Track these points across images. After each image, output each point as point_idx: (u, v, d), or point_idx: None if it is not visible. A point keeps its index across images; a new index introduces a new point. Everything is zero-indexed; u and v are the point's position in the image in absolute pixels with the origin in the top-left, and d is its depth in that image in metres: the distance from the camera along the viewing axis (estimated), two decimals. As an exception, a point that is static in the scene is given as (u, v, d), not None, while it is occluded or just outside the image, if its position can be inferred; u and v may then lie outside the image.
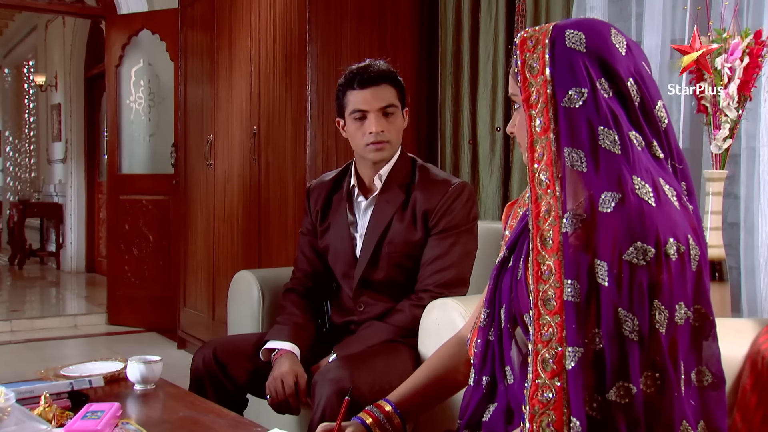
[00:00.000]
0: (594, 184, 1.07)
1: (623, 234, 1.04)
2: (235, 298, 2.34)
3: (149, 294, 5.02)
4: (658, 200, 1.07)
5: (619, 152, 1.06)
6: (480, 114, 2.96)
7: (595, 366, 1.05)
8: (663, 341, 1.04)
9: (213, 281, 3.88)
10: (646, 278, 1.03)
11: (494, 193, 2.86)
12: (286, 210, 3.19)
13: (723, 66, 1.82)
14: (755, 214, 2.06)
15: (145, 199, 5.04)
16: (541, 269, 1.12)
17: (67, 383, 1.54)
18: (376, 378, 1.65)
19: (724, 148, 1.86)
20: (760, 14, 2.01)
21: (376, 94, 1.88)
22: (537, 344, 1.11)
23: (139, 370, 1.67)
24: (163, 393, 1.68)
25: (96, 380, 1.60)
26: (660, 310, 1.03)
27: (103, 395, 1.61)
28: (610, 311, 1.03)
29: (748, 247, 2.08)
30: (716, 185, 1.88)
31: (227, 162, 3.70)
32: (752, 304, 2.07)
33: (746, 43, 1.82)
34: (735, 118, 1.84)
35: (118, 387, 1.70)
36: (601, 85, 1.09)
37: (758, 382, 1.34)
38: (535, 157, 1.13)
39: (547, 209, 1.12)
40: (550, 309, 1.10)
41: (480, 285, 2.36)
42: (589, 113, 1.07)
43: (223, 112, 3.75)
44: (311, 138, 3.01)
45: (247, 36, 3.49)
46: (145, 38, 5.08)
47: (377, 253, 1.93)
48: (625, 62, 1.11)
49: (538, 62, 1.13)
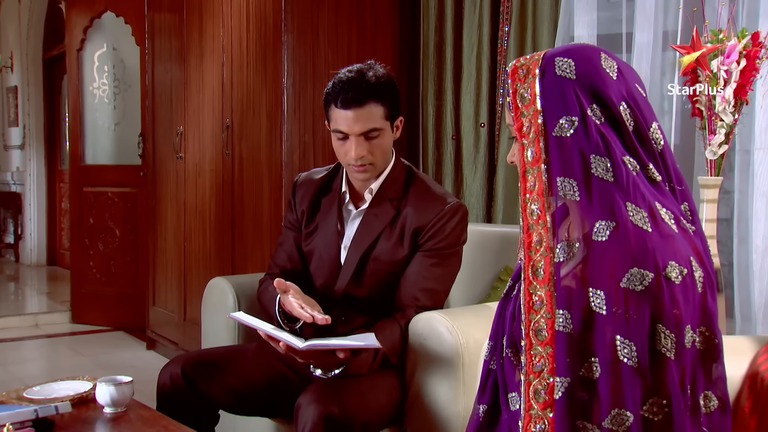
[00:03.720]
0: (587, 213, 1.10)
1: (619, 261, 1.06)
2: (209, 308, 2.30)
3: (116, 291, 4.96)
4: (655, 225, 1.08)
5: (611, 179, 1.09)
6: (464, 108, 2.94)
7: (589, 394, 1.07)
8: (673, 366, 1.05)
9: (184, 279, 3.83)
10: (647, 303, 1.04)
11: (478, 192, 2.85)
12: (262, 209, 3.15)
13: (719, 69, 1.82)
14: (749, 220, 2.07)
15: (110, 191, 4.96)
16: (533, 299, 1.15)
17: (32, 410, 1.50)
18: (363, 399, 1.64)
19: (719, 153, 1.87)
20: (756, 15, 2.01)
21: (359, 117, 1.80)
22: (529, 374, 1.14)
23: (109, 393, 1.63)
24: (134, 416, 1.65)
25: (63, 406, 1.56)
26: (665, 335, 1.05)
27: (71, 420, 1.57)
28: (607, 339, 1.05)
29: (742, 254, 2.10)
30: (711, 192, 1.89)
31: (198, 155, 3.64)
32: (746, 311, 2.09)
33: (743, 45, 1.82)
34: (731, 122, 1.84)
35: (86, 410, 1.67)
36: (592, 112, 1.11)
37: (757, 404, 1.35)
38: (527, 187, 1.16)
39: (538, 239, 1.15)
40: (542, 339, 1.13)
41: (458, 296, 2.35)
42: (581, 141, 1.10)
43: (193, 102, 3.69)
44: (287, 133, 2.96)
45: (218, 23, 3.43)
46: (108, 21, 4.99)
47: (361, 269, 1.91)
48: (616, 86, 1.13)
49: (529, 92, 1.16)
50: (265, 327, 1.67)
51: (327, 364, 1.71)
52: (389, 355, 1.80)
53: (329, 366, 1.71)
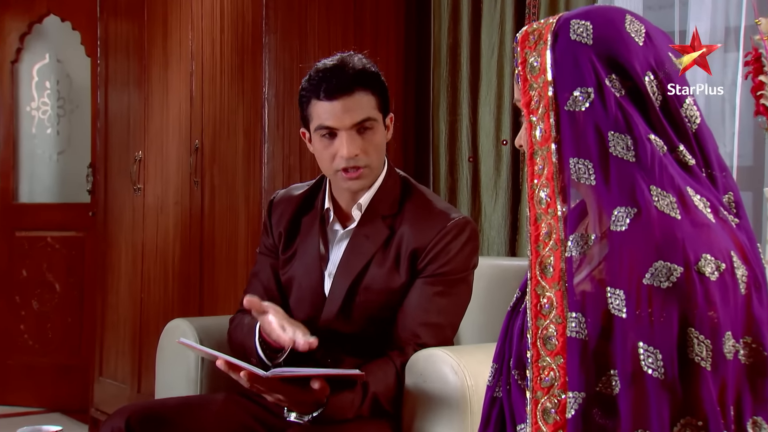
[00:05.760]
0: (605, 199, 1.18)
1: (642, 254, 1.12)
2: (165, 355, 2.43)
3: (53, 362, 4.99)
4: (685, 212, 1.15)
5: (633, 159, 1.16)
6: (482, 123, 3.14)
7: (608, 414, 1.13)
8: (710, 379, 1.09)
9: (140, 341, 3.96)
10: (675, 303, 1.10)
11: (499, 223, 3.04)
12: (236, 248, 3.32)
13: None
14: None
15: (50, 236, 5.06)
16: (541, 302, 1.22)
17: None
18: None
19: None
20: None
21: (348, 107, 1.94)
22: (536, 391, 1.21)
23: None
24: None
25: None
26: (699, 341, 1.09)
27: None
28: (628, 347, 1.11)
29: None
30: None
31: (161, 186, 3.81)
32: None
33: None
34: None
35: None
36: (611, 83, 1.20)
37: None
38: (534, 171, 1.25)
39: (547, 231, 1.23)
40: (551, 349, 1.20)
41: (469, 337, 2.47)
42: (597, 116, 1.19)
43: (155, 121, 3.87)
44: (268, 154, 3.14)
45: (186, 24, 3.62)
46: (52, 27, 5.12)
47: (349, 301, 2.04)
48: (642, 54, 1.22)
49: (539, 60, 1.25)
50: (223, 355, 1.79)
51: (302, 405, 1.82)
52: (382, 400, 1.91)
53: (305, 407, 1.82)
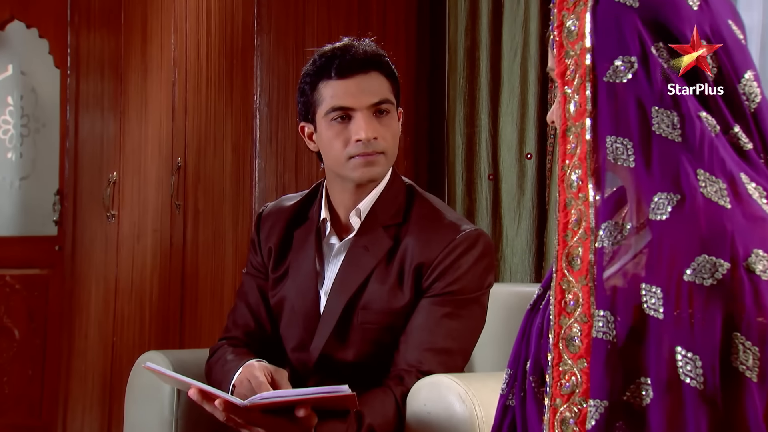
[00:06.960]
0: (645, 184, 1.20)
1: (684, 247, 1.14)
2: (135, 394, 2.46)
3: (9, 423, 4.99)
4: (737, 201, 1.17)
5: (679, 139, 1.18)
6: (503, 136, 3.23)
7: (634, 427, 1.15)
8: (755, 393, 1.10)
9: (110, 392, 3.99)
10: (719, 303, 1.11)
11: (523, 248, 3.10)
12: (223, 280, 3.39)
13: None
14: None
15: (9, 274, 5.08)
16: (566, 298, 1.25)
17: None
18: None
19: None
20: None
21: (363, 86, 2.04)
22: (555, 398, 1.23)
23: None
24: None
25: None
26: (745, 347, 1.10)
27: None
28: (664, 352, 1.12)
29: None
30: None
31: (138, 210, 3.87)
32: None
33: None
34: None
35: None
36: (657, 51, 1.23)
37: None
38: (566, 150, 1.27)
39: (576, 219, 1.25)
40: (574, 351, 1.23)
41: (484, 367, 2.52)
42: (640, 89, 1.21)
43: (132, 137, 3.94)
44: (260, 171, 3.21)
45: (168, 27, 3.70)
46: (15, 34, 5.19)
47: (346, 322, 2.09)
48: (696, 19, 1.24)
49: (578, 24, 1.27)
50: (196, 382, 1.86)
51: None
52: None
53: None
